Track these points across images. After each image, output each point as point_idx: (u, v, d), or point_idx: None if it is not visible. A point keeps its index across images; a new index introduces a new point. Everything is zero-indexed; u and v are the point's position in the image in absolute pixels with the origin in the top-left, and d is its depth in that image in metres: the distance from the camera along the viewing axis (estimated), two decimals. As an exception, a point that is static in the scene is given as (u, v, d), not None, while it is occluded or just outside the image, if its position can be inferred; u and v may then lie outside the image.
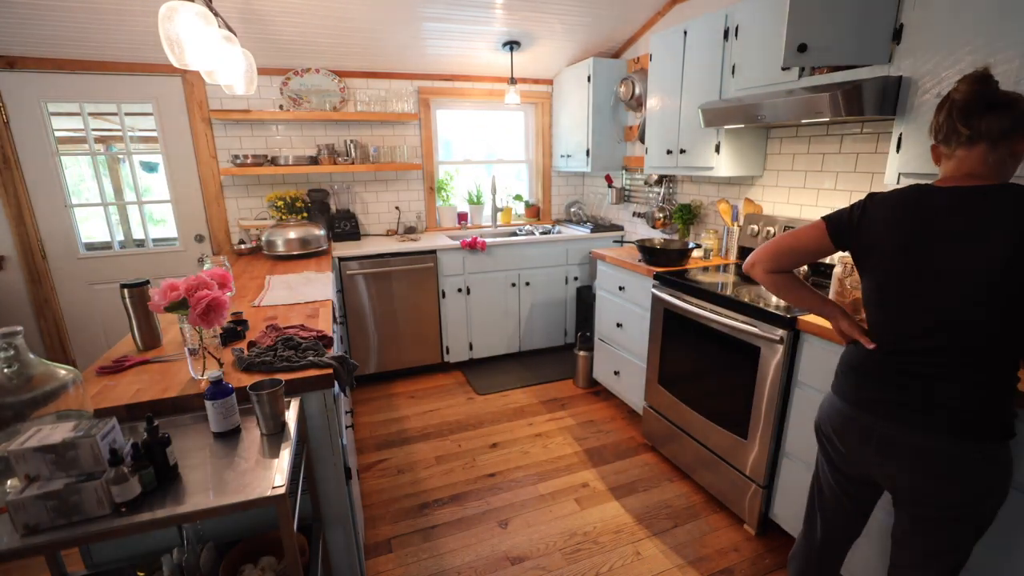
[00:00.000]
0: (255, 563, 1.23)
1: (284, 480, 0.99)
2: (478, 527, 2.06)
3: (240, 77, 2.14)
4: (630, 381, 2.78)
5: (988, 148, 1.01)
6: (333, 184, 3.53)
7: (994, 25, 1.35)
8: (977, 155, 1.02)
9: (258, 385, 1.18)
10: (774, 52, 1.93)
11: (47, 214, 2.99)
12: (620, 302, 2.79)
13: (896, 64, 1.61)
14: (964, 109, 1.01)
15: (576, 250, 3.64)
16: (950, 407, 1.05)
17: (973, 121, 1.00)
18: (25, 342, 1.00)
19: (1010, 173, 1.04)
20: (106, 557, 1.28)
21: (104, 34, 2.65)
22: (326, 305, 2.00)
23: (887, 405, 1.13)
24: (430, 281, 3.33)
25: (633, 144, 3.51)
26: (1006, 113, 0.98)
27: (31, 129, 2.86)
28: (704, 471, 2.21)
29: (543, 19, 3.01)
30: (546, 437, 2.72)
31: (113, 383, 1.32)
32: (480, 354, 3.60)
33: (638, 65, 3.32)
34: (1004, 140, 0.99)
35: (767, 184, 2.52)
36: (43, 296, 3.04)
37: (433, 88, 3.63)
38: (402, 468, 2.47)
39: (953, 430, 1.05)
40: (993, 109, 0.99)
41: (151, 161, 3.20)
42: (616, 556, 1.90)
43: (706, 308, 2.08)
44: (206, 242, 3.34)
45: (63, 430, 0.92)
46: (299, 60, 3.20)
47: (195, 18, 1.51)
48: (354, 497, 1.59)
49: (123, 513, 0.90)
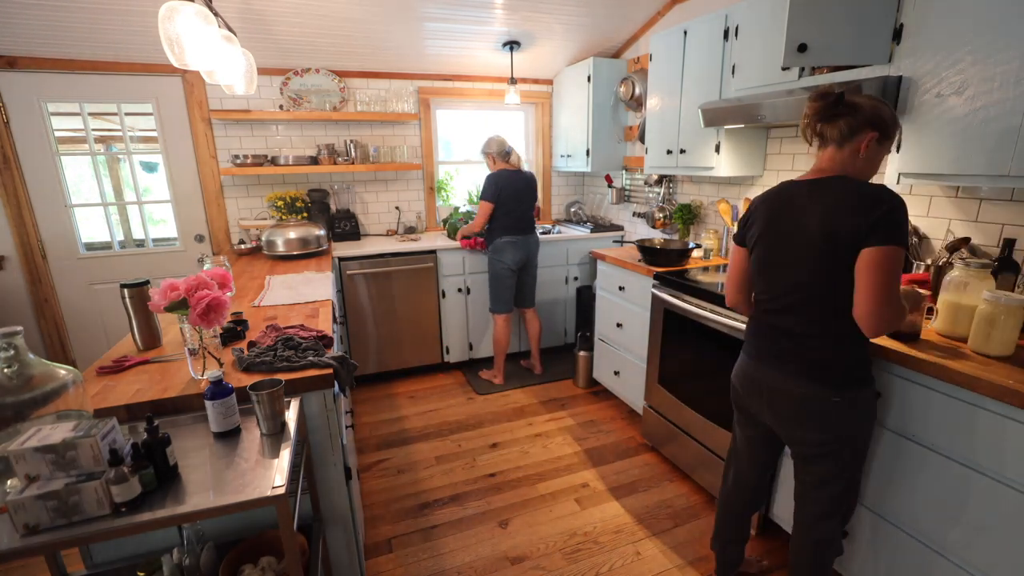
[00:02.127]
0: (255, 563, 1.23)
1: (284, 480, 0.99)
2: (478, 527, 2.06)
3: (240, 77, 2.14)
4: (630, 381, 2.78)
5: (835, 148, 1.26)
6: (333, 184, 3.53)
7: (994, 25, 1.35)
8: (827, 154, 1.28)
9: (258, 385, 1.18)
10: (774, 52, 1.93)
11: (47, 214, 2.99)
12: (620, 302, 2.79)
13: (896, 64, 1.61)
14: (814, 119, 1.26)
15: (576, 250, 3.64)
16: (809, 357, 1.29)
17: (821, 127, 1.26)
18: (25, 342, 1.00)
19: (859, 167, 1.25)
20: (106, 557, 1.28)
21: (104, 34, 2.65)
22: (326, 305, 2.00)
23: (767, 356, 1.39)
24: (430, 281, 3.33)
25: (633, 144, 3.51)
26: (846, 120, 1.22)
27: (31, 129, 2.86)
28: (704, 471, 2.21)
29: (543, 19, 3.01)
30: (546, 437, 2.72)
31: (113, 383, 1.32)
32: (480, 354, 3.60)
33: (638, 65, 3.32)
34: (846, 141, 1.24)
35: (767, 184, 2.52)
36: (43, 296, 3.04)
37: (433, 88, 3.63)
38: (402, 468, 2.47)
39: (812, 377, 1.29)
40: (836, 117, 1.23)
41: (151, 161, 3.20)
42: (616, 556, 1.90)
43: (706, 308, 2.08)
44: (206, 242, 3.34)
45: (63, 430, 0.92)
46: (299, 60, 3.20)
47: (195, 18, 1.51)
48: (354, 497, 1.59)
49: (123, 513, 0.90)
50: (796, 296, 1.30)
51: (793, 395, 1.32)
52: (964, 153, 1.45)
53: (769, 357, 1.38)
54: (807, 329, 1.29)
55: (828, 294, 1.24)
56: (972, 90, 1.41)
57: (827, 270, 1.23)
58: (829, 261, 1.22)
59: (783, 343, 1.34)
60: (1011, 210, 1.63)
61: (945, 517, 1.35)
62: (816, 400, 1.29)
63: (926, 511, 1.40)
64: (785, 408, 1.35)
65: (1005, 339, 1.31)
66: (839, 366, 1.27)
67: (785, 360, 1.34)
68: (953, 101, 1.46)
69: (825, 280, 1.24)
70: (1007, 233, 1.64)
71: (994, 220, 1.67)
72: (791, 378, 1.32)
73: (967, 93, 1.43)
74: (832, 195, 1.22)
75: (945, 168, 1.51)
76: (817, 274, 1.24)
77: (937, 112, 1.51)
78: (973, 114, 1.42)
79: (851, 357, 1.28)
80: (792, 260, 1.29)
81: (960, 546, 1.32)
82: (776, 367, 1.36)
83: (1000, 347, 1.32)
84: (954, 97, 1.46)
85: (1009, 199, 1.64)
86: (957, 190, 1.76)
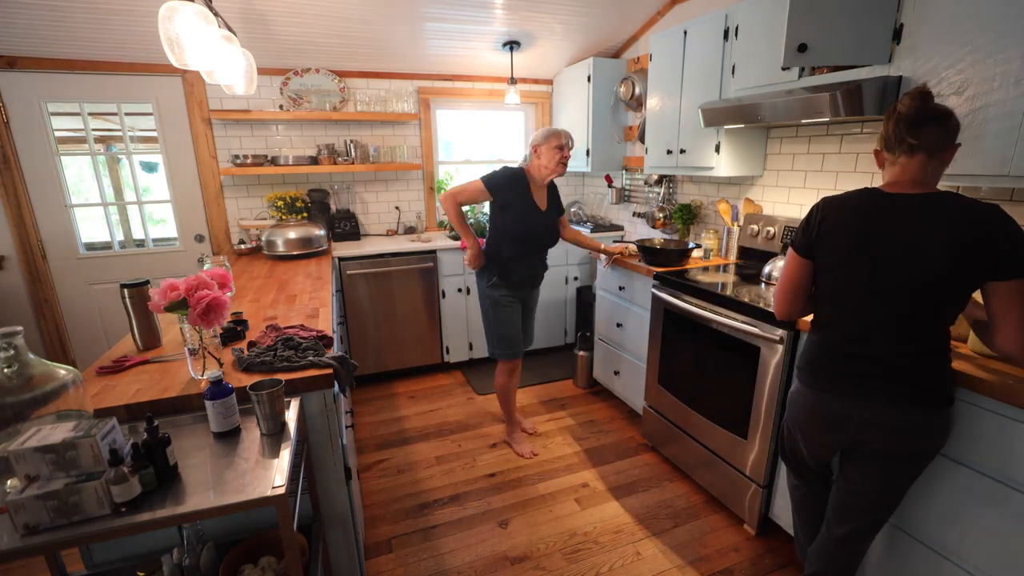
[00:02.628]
0: (255, 563, 1.23)
1: (284, 480, 0.99)
2: (478, 527, 2.06)
3: (240, 77, 2.14)
4: (630, 381, 2.78)
5: (927, 157, 1.15)
6: (333, 184, 3.53)
7: (994, 25, 1.35)
8: (918, 163, 1.16)
9: (258, 385, 1.18)
10: (774, 52, 1.93)
11: (47, 214, 2.99)
12: (620, 302, 2.79)
13: (896, 64, 1.61)
14: (910, 121, 1.14)
15: (576, 250, 3.64)
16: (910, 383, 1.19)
17: (916, 131, 1.14)
18: (25, 342, 1.00)
19: (939, 179, 1.19)
20: (106, 557, 1.27)
21: (104, 34, 2.65)
22: (326, 305, 2.00)
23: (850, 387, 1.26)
24: (430, 281, 3.33)
25: (633, 144, 3.51)
26: (942, 125, 1.13)
27: (31, 129, 2.86)
28: (704, 471, 2.21)
29: (543, 19, 3.01)
30: (546, 437, 2.72)
31: (113, 383, 1.32)
32: (480, 354, 3.60)
33: (638, 65, 3.32)
34: (939, 150, 1.14)
35: (767, 184, 2.52)
36: (43, 296, 3.04)
37: (433, 88, 3.63)
38: (402, 468, 2.47)
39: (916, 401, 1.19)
40: (932, 121, 1.13)
41: (151, 161, 3.20)
42: (616, 556, 1.90)
43: (706, 308, 2.08)
44: (206, 242, 3.34)
45: (63, 430, 0.92)
46: (299, 60, 3.20)
47: (195, 18, 1.51)
48: (354, 497, 1.59)
49: (123, 513, 0.90)
50: (898, 328, 1.18)
51: (890, 422, 1.21)
52: (964, 153, 1.45)
53: (851, 390, 1.25)
54: (906, 361, 1.18)
55: (936, 321, 1.15)
56: (972, 90, 1.41)
57: (947, 301, 1.13)
58: (952, 291, 1.11)
59: (873, 375, 1.22)
60: (1011, 210, 1.63)
61: (946, 517, 1.35)
62: (921, 424, 1.20)
63: (929, 512, 1.39)
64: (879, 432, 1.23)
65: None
66: (939, 388, 1.19)
67: (877, 392, 1.22)
68: (953, 101, 1.46)
69: (943, 310, 1.14)
70: (1007, 233, 1.64)
71: (994, 220, 1.67)
72: (883, 408, 1.21)
73: (967, 93, 1.43)
74: (954, 215, 1.09)
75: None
76: (933, 305, 1.13)
77: (937, 112, 1.51)
78: (973, 114, 1.42)
79: (947, 374, 1.20)
80: (896, 287, 1.16)
81: (959, 545, 1.32)
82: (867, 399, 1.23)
83: None
84: (954, 97, 1.46)
85: (1009, 199, 1.64)
86: (957, 190, 1.76)
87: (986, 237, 1.06)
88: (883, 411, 1.21)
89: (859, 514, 1.36)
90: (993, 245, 1.06)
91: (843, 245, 1.21)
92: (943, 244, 1.09)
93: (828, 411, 1.30)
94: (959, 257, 1.08)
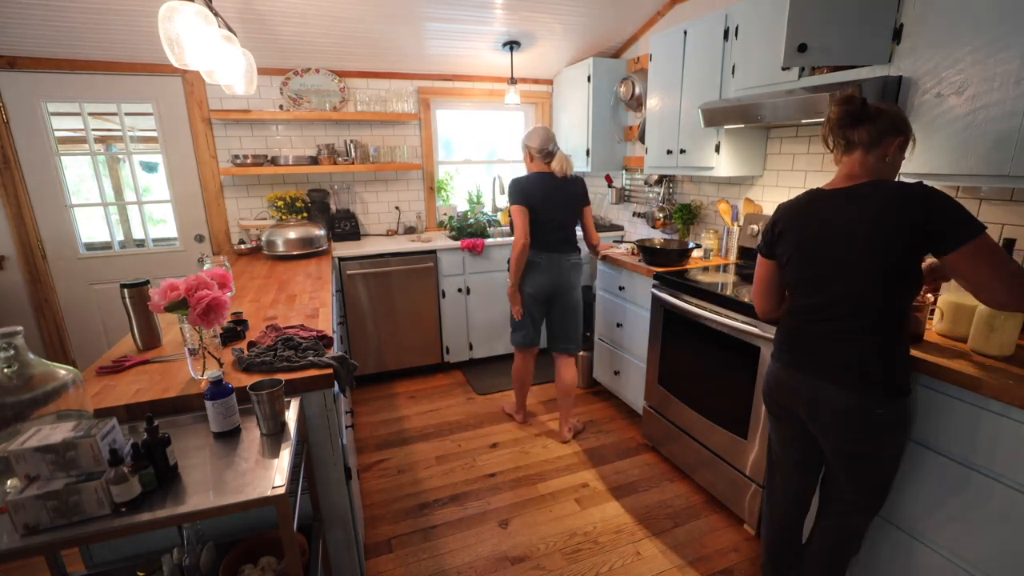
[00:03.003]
0: (255, 563, 1.23)
1: (284, 480, 0.99)
2: (478, 527, 2.06)
3: (240, 77, 2.14)
4: (630, 381, 2.78)
5: (863, 152, 1.25)
6: (333, 184, 3.53)
7: (994, 25, 1.35)
8: (855, 160, 1.26)
9: (258, 385, 1.18)
10: (774, 52, 1.93)
11: (47, 214, 2.99)
12: (620, 302, 2.79)
13: (896, 64, 1.61)
14: (840, 124, 1.26)
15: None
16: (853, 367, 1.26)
17: (849, 132, 1.25)
18: (25, 342, 1.00)
19: (887, 172, 1.26)
20: (106, 557, 1.28)
21: (104, 34, 2.65)
22: (326, 305, 2.00)
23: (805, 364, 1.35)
24: (430, 281, 3.33)
25: (633, 144, 3.51)
26: (872, 125, 1.22)
27: (31, 129, 2.86)
28: (704, 471, 2.21)
29: (543, 19, 3.01)
30: (546, 437, 2.72)
31: (113, 383, 1.32)
32: (480, 354, 3.60)
33: (638, 65, 3.32)
34: (875, 146, 1.23)
35: (767, 184, 2.52)
36: (43, 296, 3.04)
37: (433, 88, 3.63)
38: (402, 468, 2.47)
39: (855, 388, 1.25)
40: (861, 122, 1.23)
41: (151, 161, 3.20)
42: (616, 556, 1.90)
43: (706, 308, 2.08)
44: (206, 242, 3.34)
45: (63, 430, 0.92)
46: (299, 60, 3.20)
47: (195, 18, 1.51)
48: (354, 497, 1.59)
49: (123, 513, 0.90)
50: (844, 307, 1.26)
51: (834, 406, 1.28)
52: (964, 153, 1.45)
53: (808, 365, 1.34)
54: (852, 338, 1.26)
55: (879, 302, 1.22)
56: (972, 90, 1.41)
57: (881, 278, 1.19)
58: (883, 269, 1.19)
59: (824, 351, 1.31)
60: (1011, 210, 1.63)
61: (943, 513, 1.35)
62: (859, 412, 1.25)
63: (925, 509, 1.39)
64: (825, 418, 1.32)
65: (1004, 340, 1.31)
66: (884, 376, 1.24)
67: (826, 369, 1.30)
68: (953, 101, 1.46)
69: (880, 289, 1.20)
70: (1007, 233, 1.64)
71: (994, 220, 1.67)
72: (833, 388, 1.28)
73: (967, 93, 1.43)
74: (877, 201, 1.19)
75: (945, 168, 1.51)
76: (868, 284, 1.21)
77: (937, 112, 1.51)
78: (973, 114, 1.42)
79: (896, 364, 1.25)
80: (838, 271, 1.25)
81: (951, 539, 1.32)
82: (817, 376, 1.32)
83: (999, 348, 1.32)
84: (954, 97, 1.46)
85: (1009, 199, 1.64)
86: (957, 190, 1.75)
87: (924, 216, 1.12)
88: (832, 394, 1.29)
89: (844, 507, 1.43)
90: (933, 222, 1.12)
91: (792, 241, 1.35)
92: (867, 224, 1.19)
93: (787, 382, 1.40)
94: (889, 235, 1.16)
